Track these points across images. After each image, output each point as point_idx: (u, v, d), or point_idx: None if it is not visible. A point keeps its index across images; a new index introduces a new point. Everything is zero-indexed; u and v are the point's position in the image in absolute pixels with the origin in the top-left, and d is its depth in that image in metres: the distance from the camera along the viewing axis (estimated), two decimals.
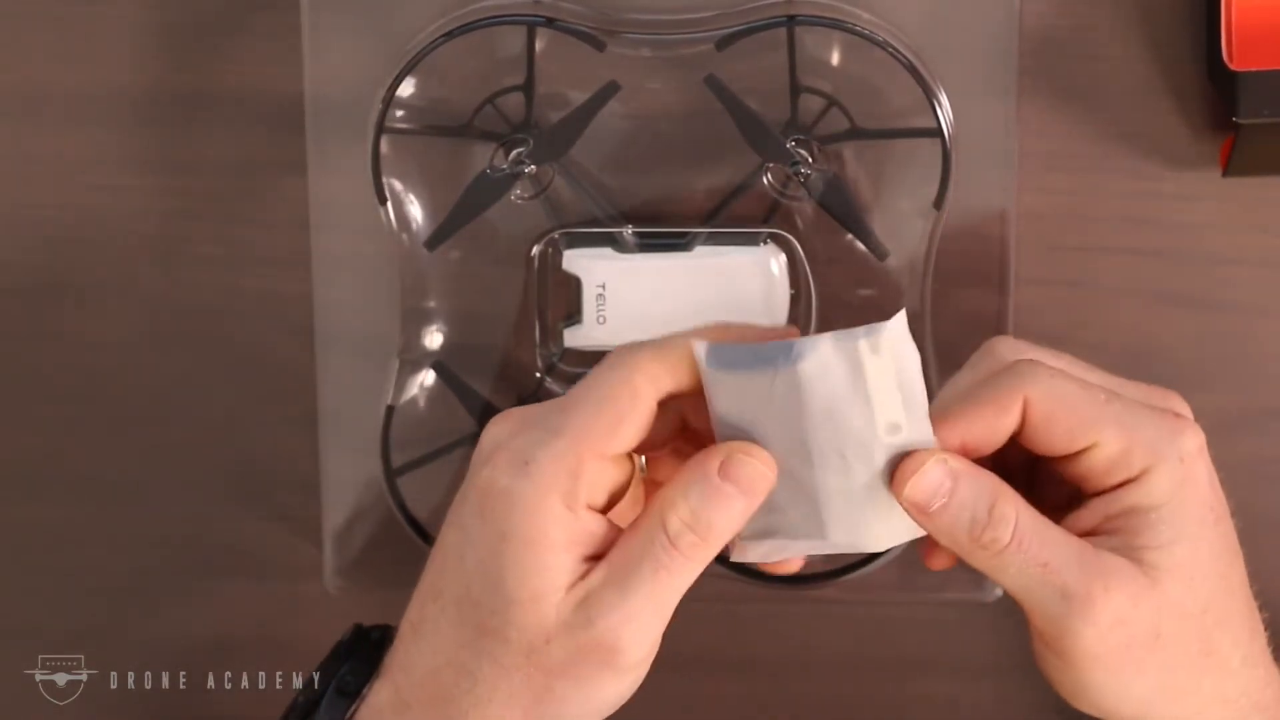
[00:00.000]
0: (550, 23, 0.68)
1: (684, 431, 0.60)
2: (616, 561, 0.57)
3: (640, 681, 0.58)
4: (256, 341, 0.74)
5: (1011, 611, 0.60)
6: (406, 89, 0.68)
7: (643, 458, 0.61)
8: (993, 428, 0.58)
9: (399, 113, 0.69)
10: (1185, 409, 0.61)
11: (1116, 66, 0.71)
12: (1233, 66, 0.67)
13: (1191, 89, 0.71)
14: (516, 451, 0.57)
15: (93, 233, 0.73)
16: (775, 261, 0.70)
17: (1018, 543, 0.57)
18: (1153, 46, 0.71)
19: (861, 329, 0.56)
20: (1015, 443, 0.59)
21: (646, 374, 0.57)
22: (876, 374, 0.56)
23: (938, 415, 0.57)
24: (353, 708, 0.60)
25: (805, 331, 0.70)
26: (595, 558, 0.57)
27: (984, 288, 0.71)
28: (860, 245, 0.69)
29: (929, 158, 0.68)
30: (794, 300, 0.70)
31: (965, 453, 0.58)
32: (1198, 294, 0.72)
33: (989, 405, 0.58)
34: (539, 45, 0.69)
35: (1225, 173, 0.70)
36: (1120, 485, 0.58)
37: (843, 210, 0.69)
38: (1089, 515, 0.59)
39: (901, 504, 0.57)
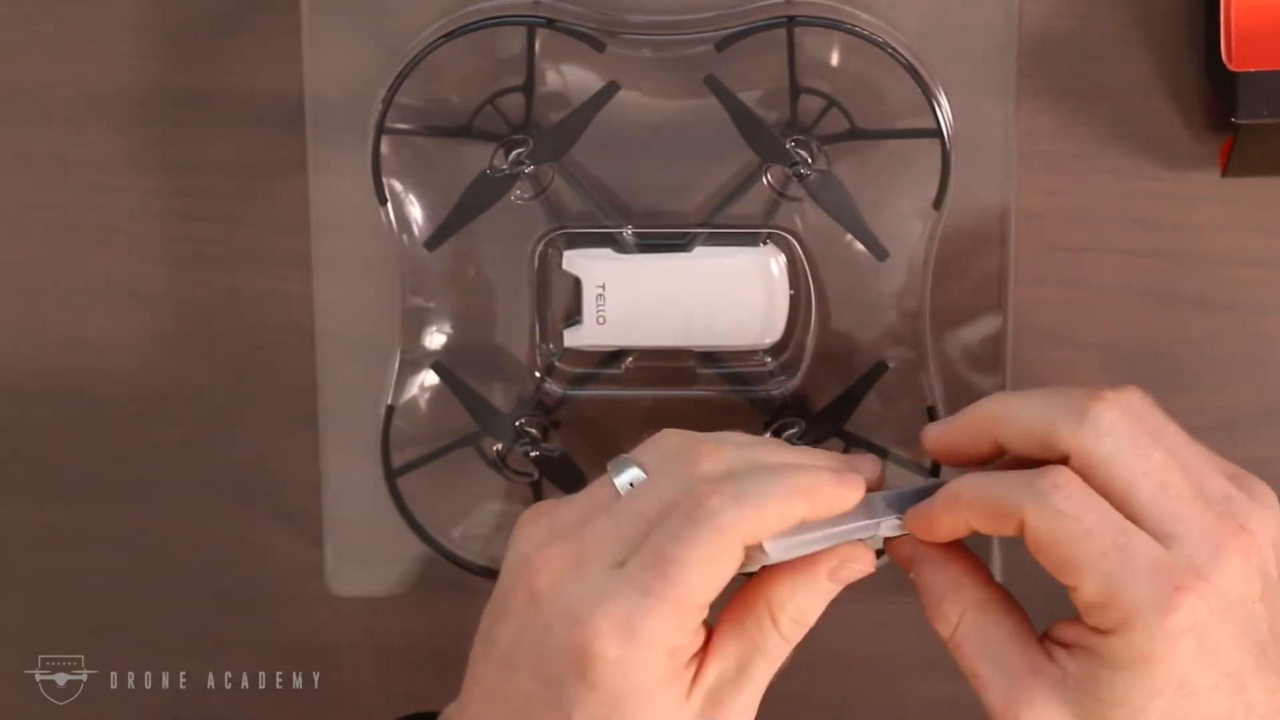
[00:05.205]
0: (550, 23, 0.68)
1: None
2: (731, 656, 0.58)
3: None
4: (256, 341, 0.74)
5: None
6: (407, 89, 0.68)
7: None
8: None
9: (399, 113, 0.69)
10: (1256, 517, 0.57)
11: (1116, 66, 0.71)
12: (1232, 67, 0.67)
13: (1191, 89, 0.71)
14: (620, 618, 0.56)
15: (93, 233, 0.73)
16: (775, 261, 0.70)
17: (954, 644, 0.60)
18: (1152, 46, 0.71)
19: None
20: None
21: (743, 534, 0.57)
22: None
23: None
24: None
25: (806, 335, 0.71)
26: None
27: (984, 287, 0.71)
28: (860, 245, 0.69)
29: (929, 158, 0.68)
30: (794, 300, 0.70)
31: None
32: (1198, 294, 0.72)
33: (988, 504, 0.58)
34: (539, 45, 0.69)
35: (1225, 173, 0.70)
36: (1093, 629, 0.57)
37: (843, 210, 0.69)
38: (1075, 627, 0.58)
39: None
